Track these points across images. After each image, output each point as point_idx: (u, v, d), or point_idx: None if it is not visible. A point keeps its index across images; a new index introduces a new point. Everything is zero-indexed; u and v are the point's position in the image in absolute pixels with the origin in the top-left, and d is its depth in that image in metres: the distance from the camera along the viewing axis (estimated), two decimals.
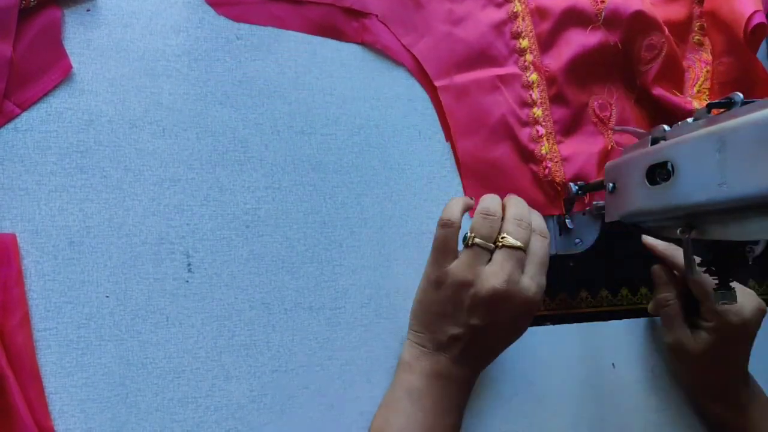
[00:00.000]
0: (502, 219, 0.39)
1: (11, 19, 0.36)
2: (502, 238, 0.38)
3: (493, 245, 0.38)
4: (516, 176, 0.47)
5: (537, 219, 0.40)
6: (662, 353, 0.50)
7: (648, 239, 0.49)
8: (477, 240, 0.38)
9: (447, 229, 0.38)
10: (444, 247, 0.38)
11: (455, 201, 0.40)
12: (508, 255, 0.37)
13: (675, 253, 0.47)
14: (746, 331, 0.45)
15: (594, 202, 0.46)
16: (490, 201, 0.39)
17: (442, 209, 0.40)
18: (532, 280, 0.37)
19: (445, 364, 0.38)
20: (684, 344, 0.46)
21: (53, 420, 0.35)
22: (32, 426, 0.33)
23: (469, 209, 0.41)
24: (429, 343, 0.39)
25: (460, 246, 0.39)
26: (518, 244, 0.37)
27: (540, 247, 0.39)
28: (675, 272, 0.48)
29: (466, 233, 0.38)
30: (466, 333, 0.37)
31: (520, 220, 0.38)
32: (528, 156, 0.48)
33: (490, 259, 0.38)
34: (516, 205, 0.40)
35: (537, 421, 0.46)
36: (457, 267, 0.38)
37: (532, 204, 0.47)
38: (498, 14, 0.49)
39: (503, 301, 0.36)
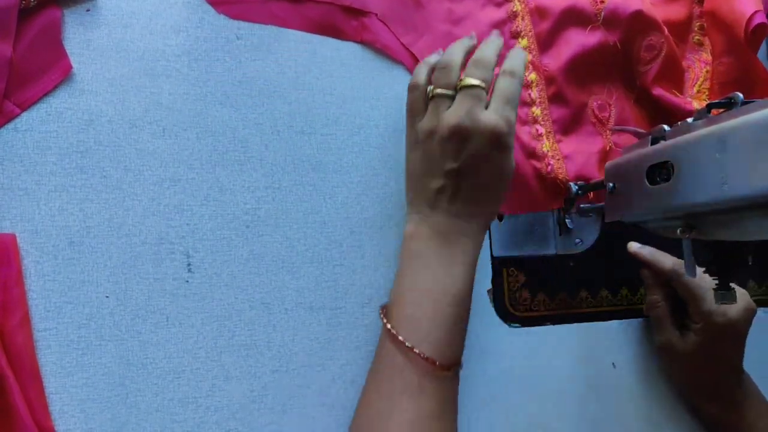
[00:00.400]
0: None
1: (11, 19, 0.36)
2: (460, 80, 0.38)
3: (455, 91, 0.38)
4: (519, 172, 0.47)
5: (512, 60, 0.39)
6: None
7: (633, 247, 0.49)
8: (437, 90, 0.38)
9: (414, 92, 0.40)
10: (414, 108, 0.40)
11: (420, 66, 0.41)
12: (465, 93, 0.37)
13: (660, 258, 0.48)
14: (734, 330, 0.45)
15: (581, 205, 0.47)
16: (447, 54, 0.39)
17: None
18: (494, 113, 0.37)
19: (441, 221, 0.38)
20: (673, 345, 0.47)
21: (53, 420, 0.35)
22: (32, 426, 0.33)
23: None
24: (423, 205, 0.39)
25: None
26: (475, 82, 0.37)
27: (503, 84, 0.38)
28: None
29: (429, 88, 0.39)
30: (447, 180, 0.37)
31: (479, 60, 0.38)
32: (530, 153, 0.48)
33: None
34: (480, 49, 0.39)
35: (537, 421, 0.46)
36: (424, 120, 0.39)
37: (535, 200, 0.47)
38: (497, 14, 0.49)
39: (466, 136, 0.36)
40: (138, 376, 0.37)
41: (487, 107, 0.37)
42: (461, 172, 0.37)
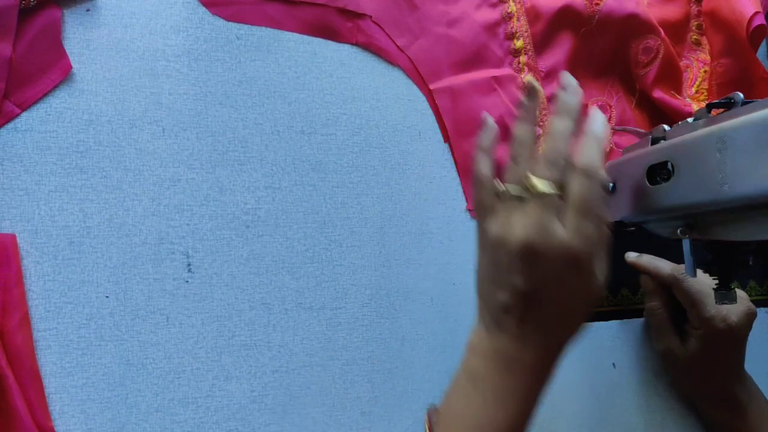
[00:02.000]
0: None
1: (11, 19, 0.36)
2: (530, 182, 0.32)
3: (527, 191, 0.32)
4: None
5: (587, 153, 0.32)
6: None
7: (630, 257, 0.49)
8: (507, 186, 0.33)
9: (480, 188, 0.35)
10: (483, 206, 0.34)
11: (480, 156, 0.36)
12: (538, 202, 0.31)
13: (658, 264, 0.47)
14: (735, 335, 0.44)
15: None
16: (518, 141, 0.34)
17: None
18: (570, 230, 0.31)
19: (506, 343, 0.33)
20: (674, 351, 0.47)
21: (53, 420, 0.35)
22: (32, 426, 0.33)
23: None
24: (488, 318, 0.34)
25: None
26: (546, 190, 0.31)
27: (577, 189, 0.31)
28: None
29: (502, 188, 0.34)
30: (514, 298, 0.32)
31: (552, 158, 0.32)
32: None
33: None
34: (553, 136, 0.33)
35: (537, 421, 0.46)
36: (490, 223, 0.33)
37: None
38: (492, 15, 0.49)
39: (537, 254, 0.31)
40: (138, 376, 0.37)
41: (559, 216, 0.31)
42: (530, 295, 0.32)
